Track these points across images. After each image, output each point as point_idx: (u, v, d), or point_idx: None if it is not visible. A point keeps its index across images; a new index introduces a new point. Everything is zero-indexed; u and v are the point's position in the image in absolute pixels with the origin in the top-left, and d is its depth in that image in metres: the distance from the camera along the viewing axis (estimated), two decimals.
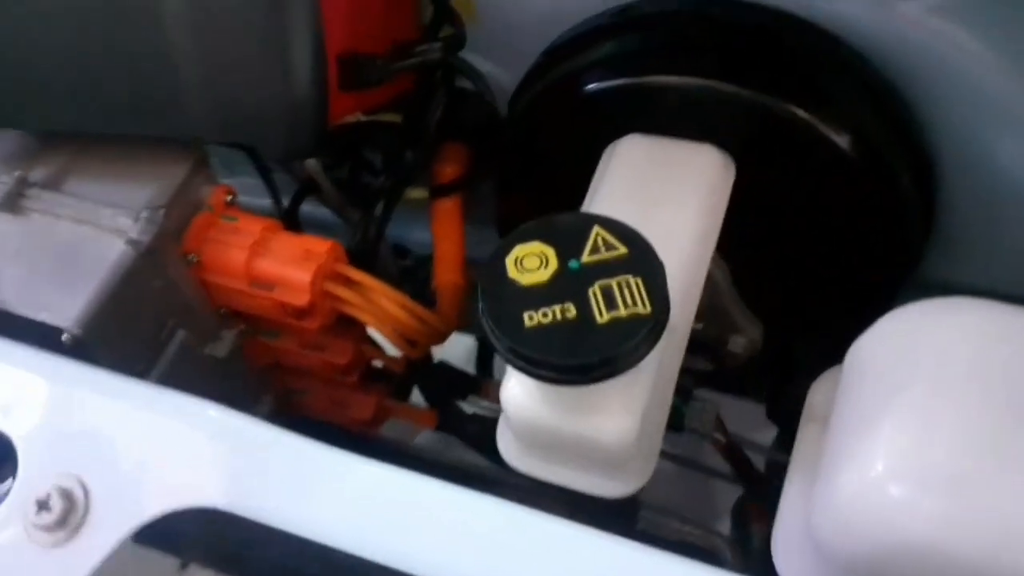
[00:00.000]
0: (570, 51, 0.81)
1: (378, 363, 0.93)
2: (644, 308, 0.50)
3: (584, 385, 0.50)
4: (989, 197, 0.79)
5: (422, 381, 0.95)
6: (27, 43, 0.73)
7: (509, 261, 0.53)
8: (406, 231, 1.02)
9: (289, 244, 0.80)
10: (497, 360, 1.13)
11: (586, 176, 0.80)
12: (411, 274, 1.01)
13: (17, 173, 0.78)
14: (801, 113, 0.71)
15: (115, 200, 0.78)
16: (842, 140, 0.72)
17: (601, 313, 0.50)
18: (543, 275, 0.52)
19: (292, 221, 0.92)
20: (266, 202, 0.90)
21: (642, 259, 0.52)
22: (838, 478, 0.51)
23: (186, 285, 0.80)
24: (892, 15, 0.72)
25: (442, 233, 0.90)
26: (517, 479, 0.63)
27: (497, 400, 0.59)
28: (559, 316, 0.51)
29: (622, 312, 0.50)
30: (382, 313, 0.80)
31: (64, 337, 0.70)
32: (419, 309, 0.82)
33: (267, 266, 0.79)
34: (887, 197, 0.74)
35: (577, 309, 0.51)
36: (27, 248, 0.76)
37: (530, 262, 0.53)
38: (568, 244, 0.54)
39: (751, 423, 0.87)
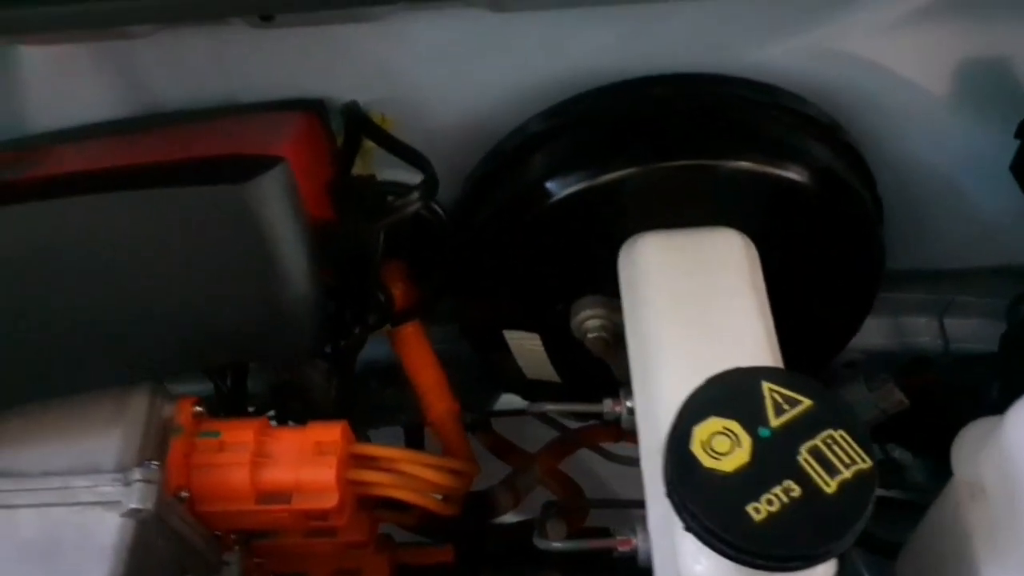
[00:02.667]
0: (522, 158, 0.75)
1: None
2: (863, 462, 0.48)
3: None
4: (910, 189, 0.84)
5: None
6: None
7: (696, 449, 0.49)
8: None
9: (293, 442, 0.68)
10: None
11: (560, 274, 0.78)
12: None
13: None
14: (794, 175, 0.71)
15: (77, 465, 0.62)
16: (817, 183, 0.73)
17: (827, 483, 0.47)
18: (742, 455, 0.48)
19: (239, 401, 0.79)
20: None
21: (832, 408, 0.50)
22: None
23: (187, 529, 0.66)
24: (817, 53, 0.74)
25: (417, 362, 0.82)
26: None
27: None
28: (785, 499, 0.47)
29: (846, 474, 0.47)
30: (416, 483, 0.71)
31: None
32: (444, 461, 0.74)
33: (277, 476, 0.67)
34: (860, 215, 0.77)
35: (800, 485, 0.47)
36: None
37: (719, 444, 0.49)
38: (747, 411, 0.50)
39: None
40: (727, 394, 0.50)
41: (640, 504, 0.63)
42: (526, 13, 0.68)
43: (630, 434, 0.74)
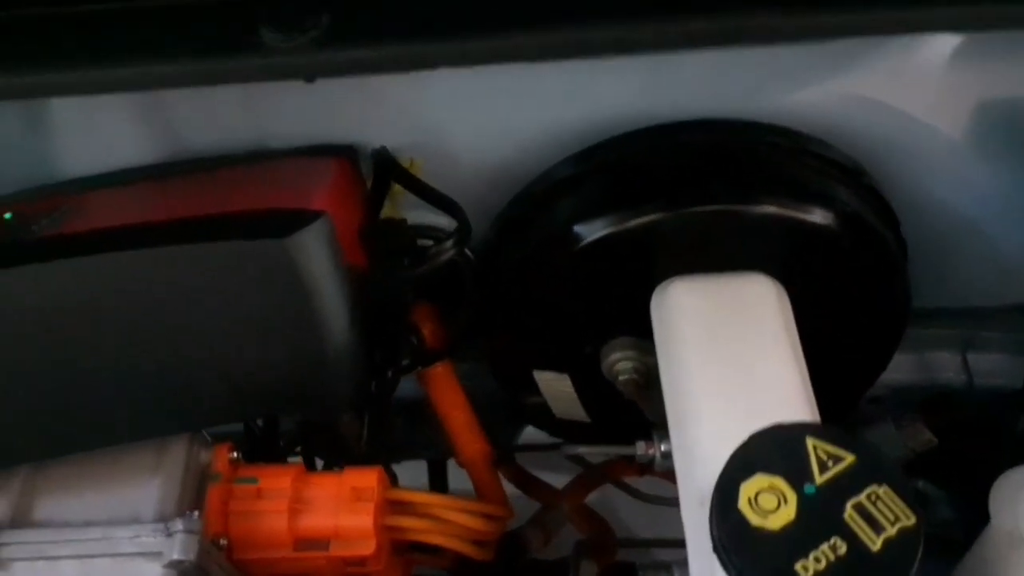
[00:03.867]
0: (551, 202, 0.76)
1: None
2: (908, 519, 0.48)
3: None
4: (933, 229, 0.85)
5: None
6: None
7: (744, 507, 0.49)
8: None
9: (330, 488, 0.69)
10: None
11: (591, 315, 0.78)
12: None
13: None
14: (820, 218, 0.71)
15: (118, 514, 0.62)
16: (843, 226, 0.73)
17: (872, 540, 0.48)
18: (788, 513, 0.49)
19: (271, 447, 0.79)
20: None
21: (875, 463, 0.50)
22: None
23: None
24: (840, 99, 0.74)
25: (447, 403, 0.82)
26: None
27: None
28: (832, 556, 0.47)
29: (891, 531, 0.48)
30: (452, 528, 0.71)
31: None
32: (479, 506, 0.75)
33: (316, 523, 0.67)
34: (884, 257, 0.77)
35: (847, 543, 0.48)
36: None
37: (766, 501, 0.49)
38: (792, 468, 0.50)
39: None
40: (772, 450, 0.51)
41: (665, 543, 0.63)
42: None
43: (661, 474, 0.75)
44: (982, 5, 0.54)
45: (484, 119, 0.75)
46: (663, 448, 0.72)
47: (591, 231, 0.73)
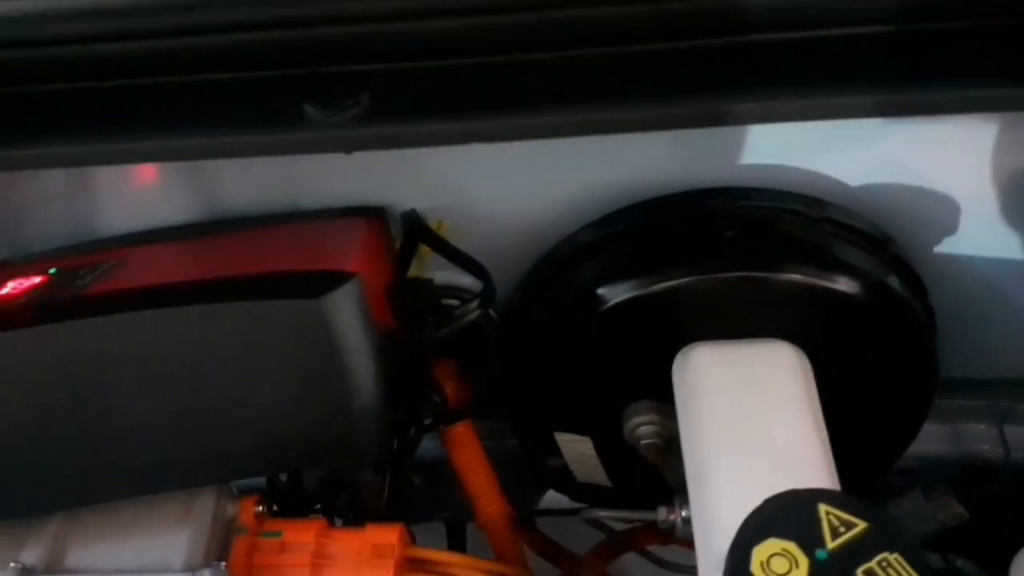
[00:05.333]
0: (576, 265, 0.81)
1: None
2: None
3: None
4: (963, 299, 0.89)
5: None
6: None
7: (756, 570, 0.53)
8: None
9: (352, 544, 0.73)
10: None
11: (613, 379, 0.82)
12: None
13: (13, 564, 0.66)
14: (845, 287, 0.75)
15: (147, 563, 0.67)
16: (868, 295, 0.78)
17: None
18: None
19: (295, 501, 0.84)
20: None
21: (888, 531, 0.54)
22: None
23: None
24: (866, 168, 0.79)
25: (468, 464, 0.87)
26: None
27: None
28: None
29: None
30: None
31: None
32: (498, 567, 0.78)
33: None
34: (911, 327, 0.81)
35: None
36: None
37: (778, 565, 0.53)
38: (804, 533, 0.54)
39: None
40: (785, 515, 0.55)
41: None
42: None
43: (684, 542, 0.78)
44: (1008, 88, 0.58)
45: (511, 184, 0.81)
46: (683, 514, 0.76)
47: (615, 294, 0.78)
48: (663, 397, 0.79)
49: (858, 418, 0.80)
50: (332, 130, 0.52)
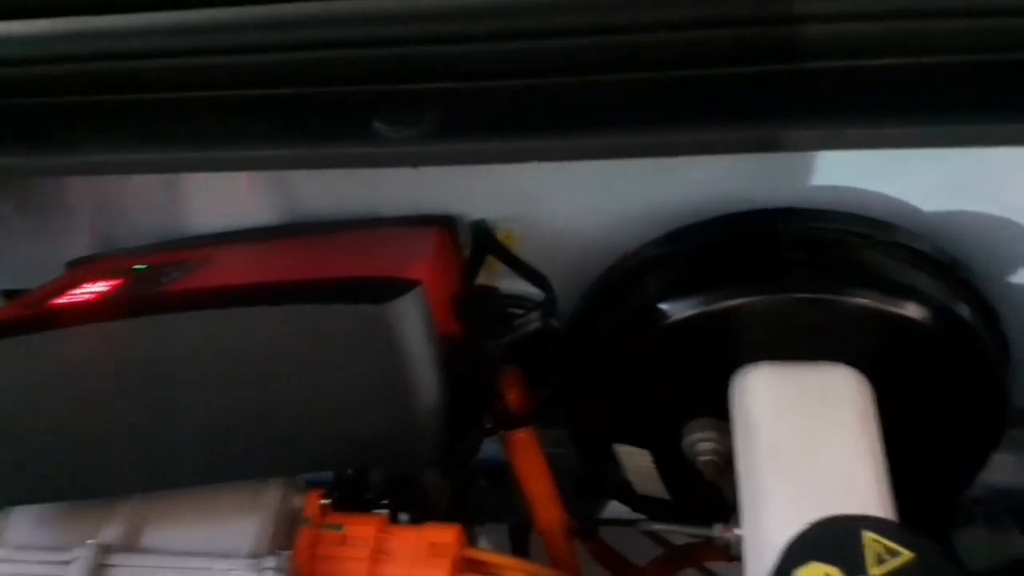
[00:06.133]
0: (640, 279, 0.83)
1: None
2: None
3: None
4: None
5: None
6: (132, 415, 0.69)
7: None
8: None
9: (410, 541, 0.77)
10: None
11: (672, 394, 0.84)
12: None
13: (91, 541, 0.71)
14: (912, 313, 0.76)
15: (215, 547, 0.72)
16: (935, 322, 0.77)
17: None
18: None
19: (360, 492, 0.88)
20: None
21: (933, 562, 0.55)
22: None
23: None
24: (936, 191, 0.79)
25: (528, 470, 0.90)
26: None
27: None
28: None
29: None
30: None
31: None
32: (551, 572, 0.81)
33: (394, 573, 0.76)
34: (980, 354, 0.81)
35: None
36: None
37: None
38: (847, 559, 0.55)
39: None
40: (829, 540, 0.56)
41: None
42: None
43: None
44: None
45: (579, 199, 0.83)
46: (738, 532, 0.77)
47: (678, 310, 0.80)
48: (722, 415, 0.81)
49: (923, 446, 0.80)
50: (399, 146, 0.56)
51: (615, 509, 1.09)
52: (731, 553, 0.80)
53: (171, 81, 0.61)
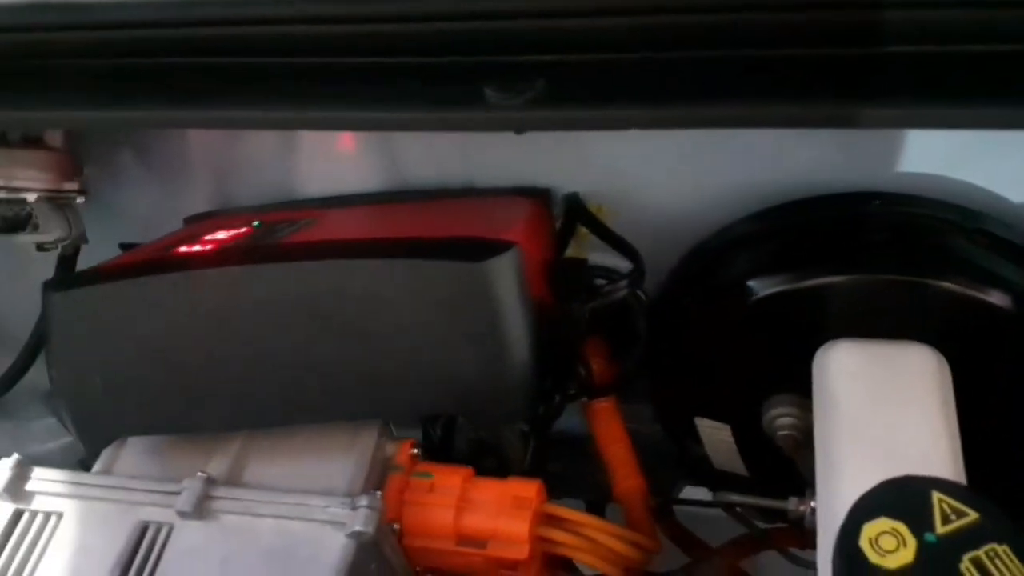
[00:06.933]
0: (729, 256, 0.87)
1: None
2: None
3: None
4: None
5: None
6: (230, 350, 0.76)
7: (864, 545, 0.58)
8: None
9: (494, 492, 0.82)
10: None
11: (755, 369, 0.88)
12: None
13: (200, 474, 0.78)
14: (997, 300, 0.78)
15: (313, 486, 0.78)
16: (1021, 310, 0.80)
17: None
18: (907, 555, 0.57)
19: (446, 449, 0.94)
20: None
21: (997, 524, 0.58)
22: None
23: (395, 559, 0.81)
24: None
25: (607, 436, 0.94)
26: None
27: None
28: None
29: None
30: (601, 550, 0.83)
31: None
32: (629, 533, 0.85)
33: (477, 522, 0.80)
34: None
35: None
36: (233, 557, 0.76)
37: (886, 542, 0.58)
38: (915, 516, 0.59)
39: None
40: (899, 498, 0.60)
41: None
42: None
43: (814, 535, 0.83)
44: None
45: (671, 175, 0.88)
46: (813, 505, 0.81)
47: (765, 287, 0.84)
48: (803, 392, 0.84)
49: (1001, 431, 0.83)
50: (508, 111, 0.61)
51: (689, 493, 1.13)
52: (805, 531, 0.83)
53: (300, 45, 0.67)
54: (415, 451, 0.83)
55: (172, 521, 0.76)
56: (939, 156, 0.81)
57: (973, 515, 0.58)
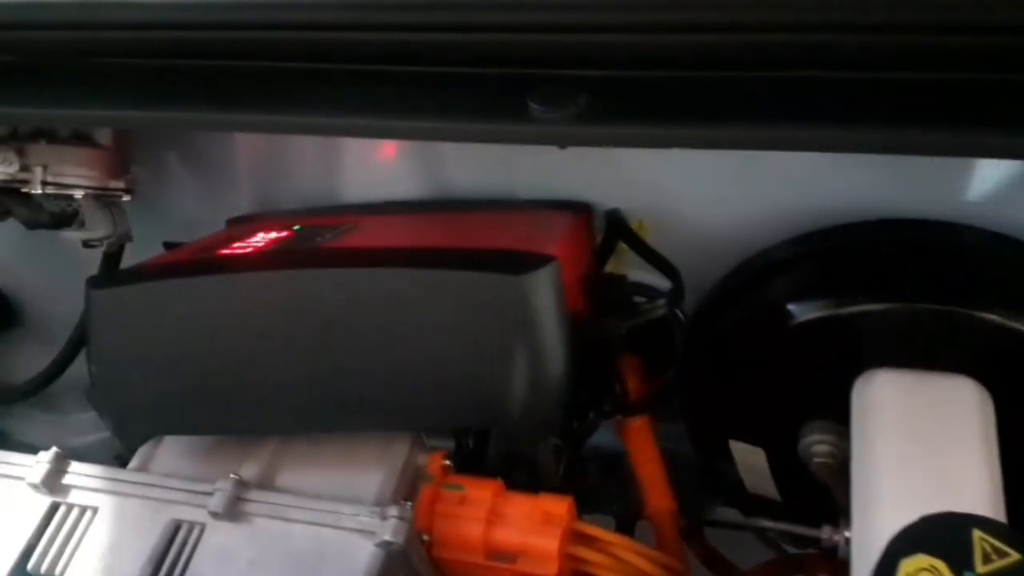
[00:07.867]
0: (768, 278, 0.86)
1: None
2: None
3: None
4: None
5: None
6: (260, 356, 0.77)
7: None
8: None
9: (525, 508, 0.81)
10: None
11: (792, 394, 0.87)
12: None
13: (233, 476, 0.78)
14: None
15: (344, 493, 0.78)
16: None
17: None
18: None
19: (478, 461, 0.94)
20: None
21: None
22: None
23: (425, 570, 0.80)
24: None
25: (642, 455, 0.94)
26: None
27: None
28: None
29: None
30: (628, 569, 0.82)
31: None
32: (658, 555, 0.84)
33: (507, 536, 0.80)
34: None
35: None
36: (263, 559, 0.76)
37: None
38: (955, 554, 0.57)
39: None
40: (938, 535, 0.58)
41: None
42: None
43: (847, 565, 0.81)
44: None
45: (714, 194, 0.87)
46: (847, 535, 0.79)
47: (805, 311, 0.83)
48: (840, 419, 0.83)
49: None
50: (551, 126, 0.61)
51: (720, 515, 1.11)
52: (837, 560, 0.82)
53: (346, 52, 0.68)
54: (447, 462, 0.83)
55: (204, 521, 0.76)
56: (987, 186, 0.79)
57: (1015, 556, 0.57)
